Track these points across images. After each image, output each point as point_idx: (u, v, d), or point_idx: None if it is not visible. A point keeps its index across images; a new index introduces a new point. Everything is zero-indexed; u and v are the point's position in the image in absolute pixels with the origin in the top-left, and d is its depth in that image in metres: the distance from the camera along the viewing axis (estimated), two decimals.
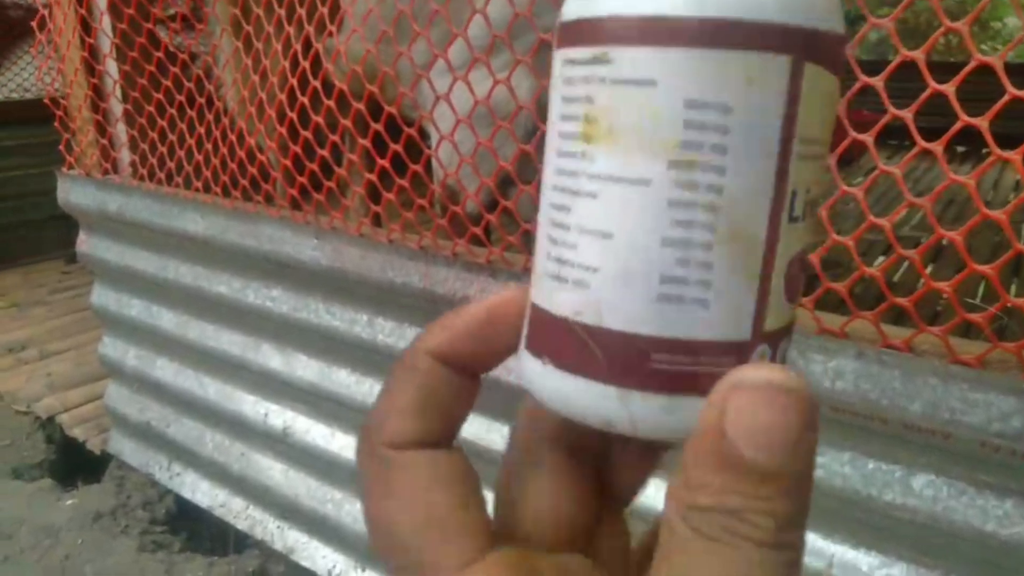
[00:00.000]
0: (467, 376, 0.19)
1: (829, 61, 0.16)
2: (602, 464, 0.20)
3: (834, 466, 0.60)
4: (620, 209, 0.16)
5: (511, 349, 0.19)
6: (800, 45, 0.15)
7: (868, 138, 0.53)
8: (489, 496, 0.19)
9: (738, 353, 0.16)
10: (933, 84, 0.50)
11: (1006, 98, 0.47)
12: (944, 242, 0.52)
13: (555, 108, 0.17)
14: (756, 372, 0.15)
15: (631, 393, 0.16)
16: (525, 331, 0.18)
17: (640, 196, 0.16)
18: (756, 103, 0.15)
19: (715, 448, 0.15)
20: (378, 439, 0.18)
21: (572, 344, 0.17)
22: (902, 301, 0.54)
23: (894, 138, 0.53)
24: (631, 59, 0.16)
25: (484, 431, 0.81)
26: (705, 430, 0.15)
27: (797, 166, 0.16)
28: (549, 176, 0.18)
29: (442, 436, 0.19)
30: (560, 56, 0.17)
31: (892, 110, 0.52)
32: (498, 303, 0.19)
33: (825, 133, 0.17)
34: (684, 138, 0.15)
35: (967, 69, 0.48)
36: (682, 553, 0.15)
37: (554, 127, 0.17)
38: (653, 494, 0.20)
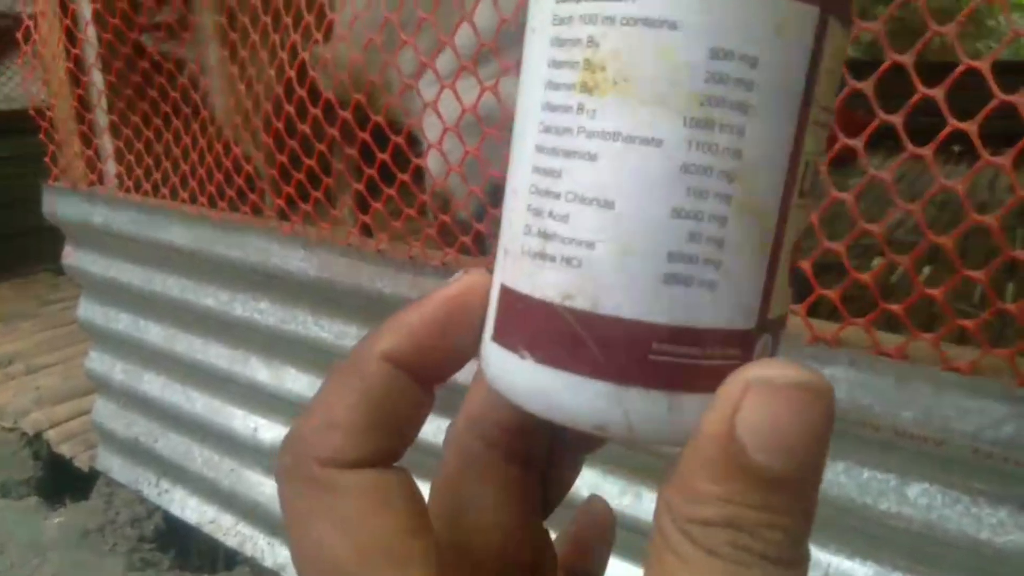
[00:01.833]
0: (422, 385, 0.16)
1: (846, 17, 0.14)
2: (545, 470, 0.18)
3: (829, 475, 0.60)
4: (625, 173, 0.14)
5: (475, 349, 0.17)
6: None
7: (858, 143, 0.52)
8: None
9: (742, 344, 0.14)
10: (922, 88, 0.50)
11: (994, 102, 0.46)
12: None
13: (539, 53, 0.15)
14: (777, 369, 0.13)
15: (628, 391, 0.14)
16: (492, 320, 0.16)
17: (650, 158, 0.13)
18: (783, 57, 0.13)
19: (723, 453, 0.13)
20: (312, 456, 0.15)
21: (558, 334, 0.14)
22: (894, 308, 0.53)
23: (891, 139, 0.53)
24: None
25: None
26: (711, 432, 0.13)
27: (812, 133, 0.14)
28: (529, 134, 0.15)
29: (389, 455, 0.16)
30: None
31: (881, 115, 0.51)
32: (459, 291, 0.16)
33: (834, 99, 0.15)
34: (706, 92, 0.13)
35: (955, 73, 0.47)
36: (681, 571, 0.13)
37: (536, 75, 0.15)
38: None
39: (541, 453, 0.18)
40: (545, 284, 0.14)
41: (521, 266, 0.15)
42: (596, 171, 0.14)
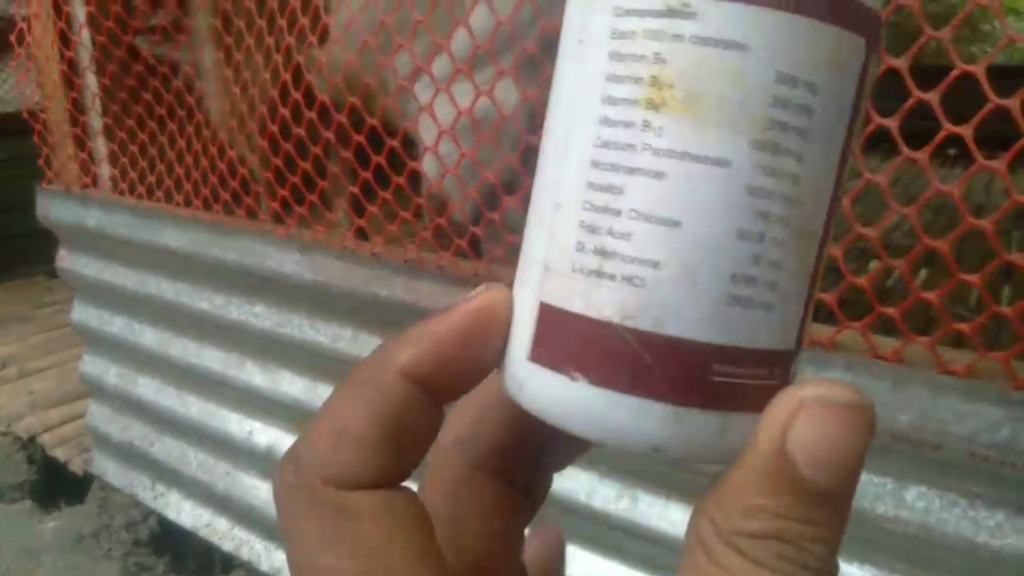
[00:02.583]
0: (435, 401, 0.16)
1: (880, 48, 0.15)
2: (535, 487, 0.18)
3: None
4: (692, 193, 0.13)
5: (495, 363, 0.16)
6: (871, 27, 0.14)
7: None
8: None
9: (785, 363, 0.15)
10: (917, 93, 0.50)
11: (989, 106, 0.46)
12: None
13: (593, 66, 0.14)
14: (827, 389, 0.14)
15: (688, 412, 0.14)
16: (528, 339, 0.15)
17: (717, 179, 0.13)
18: (838, 86, 0.14)
19: (774, 468, 0.13)
20: (319, 475, 0.14)
21: (617, 354, 0.14)
22: (890, 311, 0.53)
23: (888, 142, 0.53)
24: (722, 16, 0.13)
25: None
26: (764, 449, 0.14)
27: (849, 157, 0.15)
28: (581, 148, 0.14)
29: (399, 475, 0.15)
30: (609, 5, 0.14)
31: (876, 119, 0.51)
32: (485, 306, 0.16)
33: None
34: (771, 116, 0.13)
35: (950, 78, 0.47)
36: None
37: (590, 88, 0.14)
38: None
39: (527, 470, 0.18)
40: (603, 303, 0.14)
41: (572, 284, 0.15)
42: (662, 189, 0.14)
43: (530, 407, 0.15)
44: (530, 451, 0.17)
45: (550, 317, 0.15)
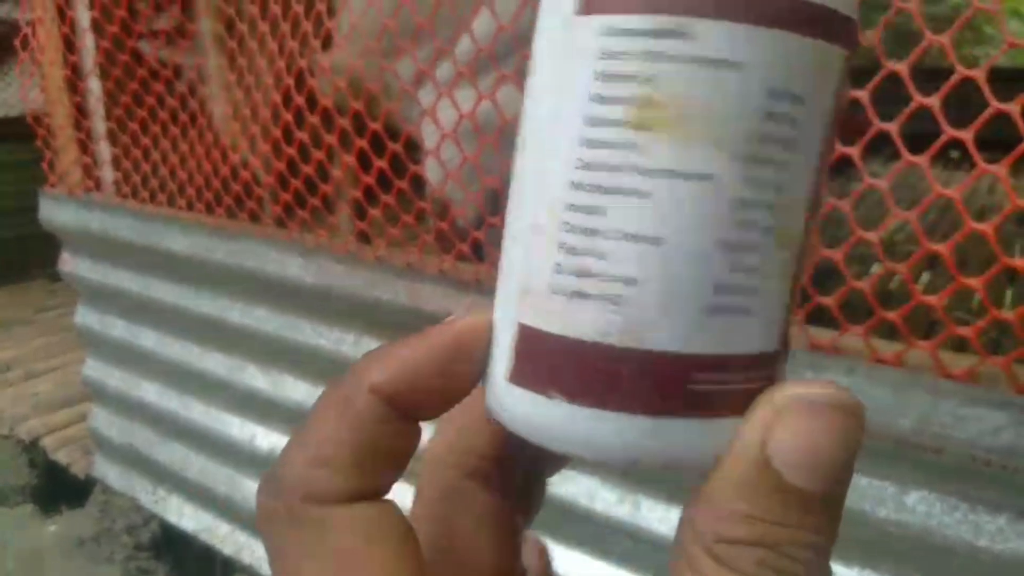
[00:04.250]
0: (412, 420, 0.16)
1: (855, 51, 0.15)
2: (520, 495, 0.18)
3: None
4: (675, 209, 0.14)
5: (473, 386, 0.16)
6: (849, 35, 0.14)
7: (855, 151, 0.52)
8: None
9: (770, 365, 0.15)
10: (918, 97, 0.50)
11: (990, 110, 0.47)
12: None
13: (579, 88, 0.14)
14: (809, 388, 0.13)
15: (667, 423, 0.14)
16: (507, 361, 0.15)
17: (701, 193, 0.14)
18: (820, 95, 0.14)
19: (757, 471, 0.13)
20: (296, 493, 0.15)
21: (596, 372, 0.14)
22: (891, 315, 0.53)
23: (891, 144, 0.53)
24: (715, 35, 0.13)
25: None
26: (744, 454, 0.13)
27: (827, 160, 0.15)
28: (561, 171, 0.14)
29: (377, 490, 0.15)
30: (594, 24, 0.14)
31: (877, 123, 0.52)
32: (466, 329, 0.16)
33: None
34: (760, 130, 0.14)
35: (951, 82, 0.47)
36: None
37: (576, 111, 0.14)
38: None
39: (518, 480, 0.18)
40: (581, 323, 0.14)
41: (550, 305, 0.15)
42: (646, 208, 0.14)
43: (511, 427, 0.16)
44: (520, 460, 0.17)
45: (529, 338, 0.15)
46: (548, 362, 0.15)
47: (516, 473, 0.18)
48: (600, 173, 0.14)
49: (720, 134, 0.14)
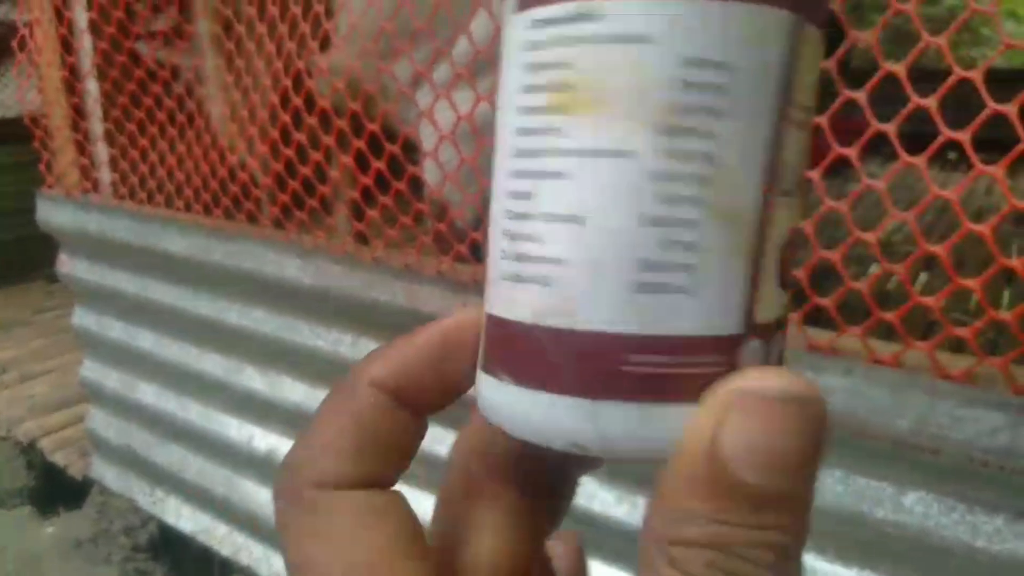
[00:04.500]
0: (414, 413, 0.16)
1: (820, 19, 0.15)
2: (552, 496, 0.18)
3: (826, 483, 0.60)
4: (595, 187, 0.14)
5: (466, 382, 0.17)
6: (799, 1, 0.14)
7: (852, 152, 0.52)
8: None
9: (727, 349, 0.14)
10: (916, 98, 0.50)
11: (987, 111, 0.47)
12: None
13: (513, 81, 0.15)
14: (761, 379, 0.13)
15: (602, 405, 0.14)
16: (481, 350, 0.16)
17: (620, 170, 0.14)
18: (755, 62, 0.14)
19: (706, 468, 0.12)
20: (303, 478, 0.16)
21: (533, 354, 0.14)
22: (889, 316, 0.53)
23: (889, 145, 0.53)
24: (624, 12, 0.13)
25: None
26: (694, 447, 0.13)
27: (791, 134, 0.14)
28: (504, 163, 0.15)
29: (380, 480, 0.16)
30: (524, 19, 0.15)
31: (875, 124, 0.52)
32: (454, 326, 0.16)
33: (814, 99, 0.15)
34: (677, 101, 0.13)
35: (948, 83, 0.48)
36: None
37: (511, 103, 0.15)
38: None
39: (543, 479, 0.18)
40: (520, 305, 0.15)
41: (500, 292, 0.15)
42: (567, 188, 0.14)
43: (482, 413, 0.16)
44: (541, 459, 0.17)
45: (490, 326, 0.16)
46: (500, 347, 0.15)
47: (540, 474, 0.18)
48: (530, 159, 0.14)
49: (635, 109, 0.13)
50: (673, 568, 0.12)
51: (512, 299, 0.15)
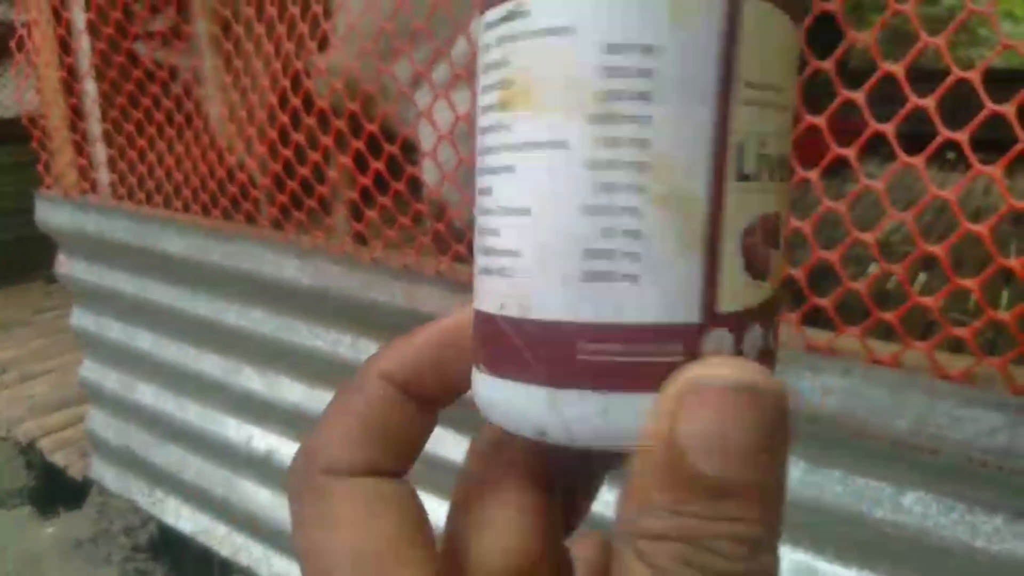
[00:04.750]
0: (422, 407, 0.17)
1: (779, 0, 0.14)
2: (572, 494, 0.18)
3: (825, 483, 0.60)
4: (537, 179, 0.14)
5: (469, 381, 0.17)
6: None
7: (851, 152, 0.52)
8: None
9: (685, 339, 0.14)
10: (914, 98, 0.50)
11: (985, 112, 0.47)
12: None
13: (478, 84, 0.16)
14: (715, 369, 0.13)
15: (561, 393, 0.14)
16: (471, 345, 0.17)
17: (556, 160, 0.14)
18: (684, 42, 0.13)
19: (665, 459, 0.12)
20: (315, 464, 0.16)
21: (498, 343, 0.15)
22: (888, 316, 0.53)
23: (888, 145, 0.53)
24: (548, 6, 0.14)
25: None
26: (652, 439, 0.12)
27: (742, 114, 0.14)
28: (477, 161, 0.16)
29: (389, 470, 0.16)
30: (480, 24, 0.15)
31: (873, 124, 0.52)
32: (452, 326, 0.17)
33: (782, 79, 0.15)
34: (604, 87, 0.13)
35: (946, 83, 0.47)
36: None
37: (477, 104, 0.16)
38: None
39: (560, 476, 0.17)
40: (490, 297, 0.15)
41: (476, 285, 0.16)
42: (515, 182, 0.14)
43: (478, 404, 0.16)
44: (558, 456, 0.17)
45: (474, 320, 0.16)
46: (478, 339, 0.16)
47: (558, 468, 0.17)
48: (489, 156, 0.15)
49: (565, 99, 0.14)
50: (640, 561, 0.12)
51: (483, 291, 0.15)
